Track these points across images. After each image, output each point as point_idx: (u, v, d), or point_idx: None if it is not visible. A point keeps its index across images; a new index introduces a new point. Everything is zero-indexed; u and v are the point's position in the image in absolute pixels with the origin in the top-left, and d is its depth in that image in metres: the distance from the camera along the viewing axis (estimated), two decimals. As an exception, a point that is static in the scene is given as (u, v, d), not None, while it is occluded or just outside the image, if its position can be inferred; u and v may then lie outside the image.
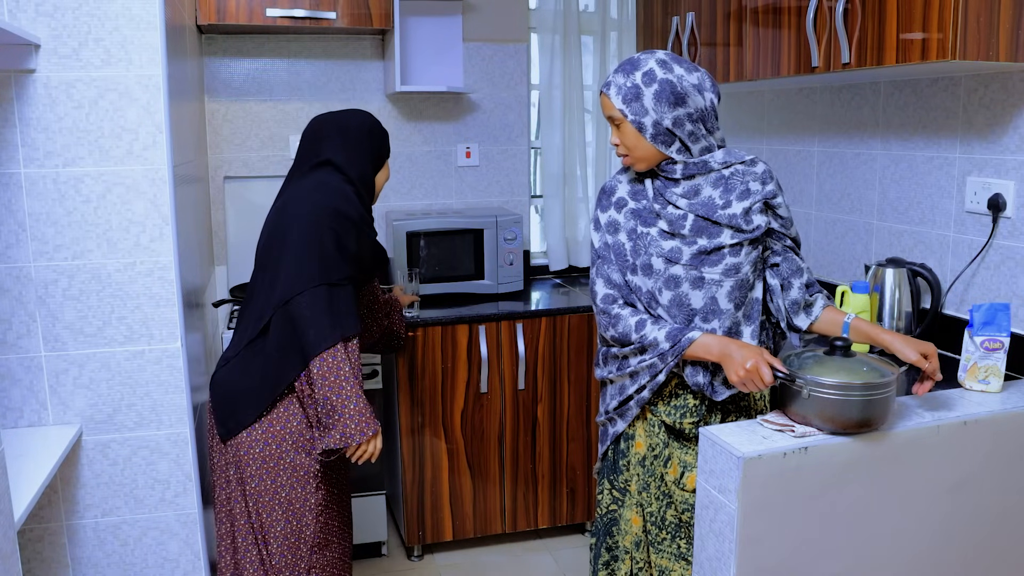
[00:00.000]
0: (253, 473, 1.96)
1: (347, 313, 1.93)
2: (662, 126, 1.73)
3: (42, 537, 2.02)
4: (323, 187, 2.01)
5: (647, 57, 1.76)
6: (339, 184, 2.03)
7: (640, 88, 1.73)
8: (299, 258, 1.93)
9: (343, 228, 1.97)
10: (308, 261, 1.92)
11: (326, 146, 2.07)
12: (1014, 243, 2.09)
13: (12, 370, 1.95)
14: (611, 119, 1.79)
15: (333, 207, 1.97)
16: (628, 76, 1.75)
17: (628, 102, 1.74)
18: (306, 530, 1.99)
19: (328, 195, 1.99)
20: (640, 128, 1.74)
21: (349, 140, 2.08)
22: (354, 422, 1.88)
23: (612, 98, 1.76)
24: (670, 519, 1.86)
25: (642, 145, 1.76)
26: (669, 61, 1.75)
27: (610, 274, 1.83)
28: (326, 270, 1.92)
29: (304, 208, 1.97)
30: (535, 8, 3.42)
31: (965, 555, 1.79)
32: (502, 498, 3.07)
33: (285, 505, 1.97)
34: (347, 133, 2.09)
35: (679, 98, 1.72)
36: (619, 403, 1.87)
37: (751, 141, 3.07)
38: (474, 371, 2.93)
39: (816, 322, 1.89)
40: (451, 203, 3.48)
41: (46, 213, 1.92)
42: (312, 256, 1.92)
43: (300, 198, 2.00)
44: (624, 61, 1.80)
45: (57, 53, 1.87)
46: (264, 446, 1.95)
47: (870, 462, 1.65)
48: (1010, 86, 2.06)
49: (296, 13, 2.82)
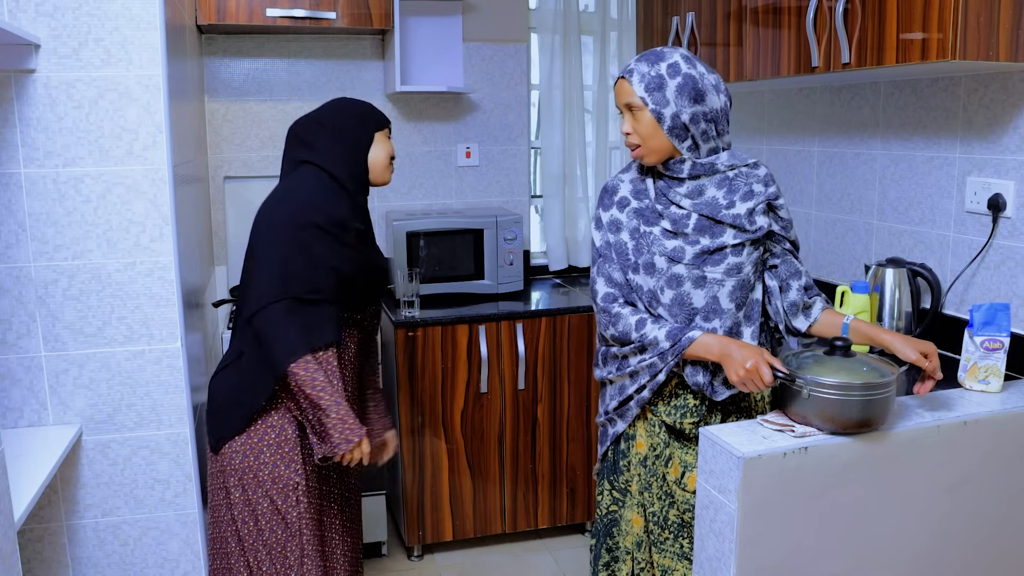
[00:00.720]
0: (236, 483, 1.93)
1: (318, 326, 1.86)
2: (680, 120, 1.73)
3: (42, 537, 2.02)
4: (294, 192, 1.92)
5: (671, 51, 1.76)
6: (315, 185, 1.93)
7: (664, 79, 1.72)
8: (262, 272, 1.86)
9: (314, 237, 1.87)
10: (270, 276, 1.84)
11: (303, 145, 1.99)
12: (1014, 243, 2.09)
13: (12, 370, 1.95)
14: (628, 107, 1.77)
15: (302, 215, 1.87)
16: (653, 66, 1.74)
17: (651, 91, 1.73)
18: (290, 542, 1.95)
19: (298, 202, 1.90)
20: (659, 118, 1.73)
21: (325, 130, 1.98)
22: (337, 431, 1.84)
23: (634, 85, 1.74)
24: (672, 519, 1.86)
25: (658, 136, 1.75)
26: (692, 58, 1.76)
27: (611, 273, 1.83)
28: (290, 284, 1.84)
29: (272, 217, 1.90)
30: (535, 8, 3.42)
31: (965, 555, 1.79)
32: (502, 498, 3.07)
33: (268, 516, 1.93)
34: (322, 124, 1.99)
35: (699, 95, 1.72)
36: (619, 403, 1.87)
37: (751, 141, 3.07)
38: (474, 371, 2.94)
39: (815, 324, 1.89)
40: (451, 203, 3.48)
41: (46, 213, 1.92)
42: (274, 270, 1.84)
43: (269, 208, 1.92)
44: (647, 52, 1.79)
45: (57, 53, 1.87)
46: (244, 457, 1.92)
47: (870, 462, 1.65)
48: (1010, 86, 2.06)
49: (296, 13, 2.82)
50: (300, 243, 1.86)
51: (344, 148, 1.97)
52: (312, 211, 1.89)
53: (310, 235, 1.87)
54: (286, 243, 1.86)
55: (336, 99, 2.07)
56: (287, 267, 1.85)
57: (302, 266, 1.85)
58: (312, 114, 2.03)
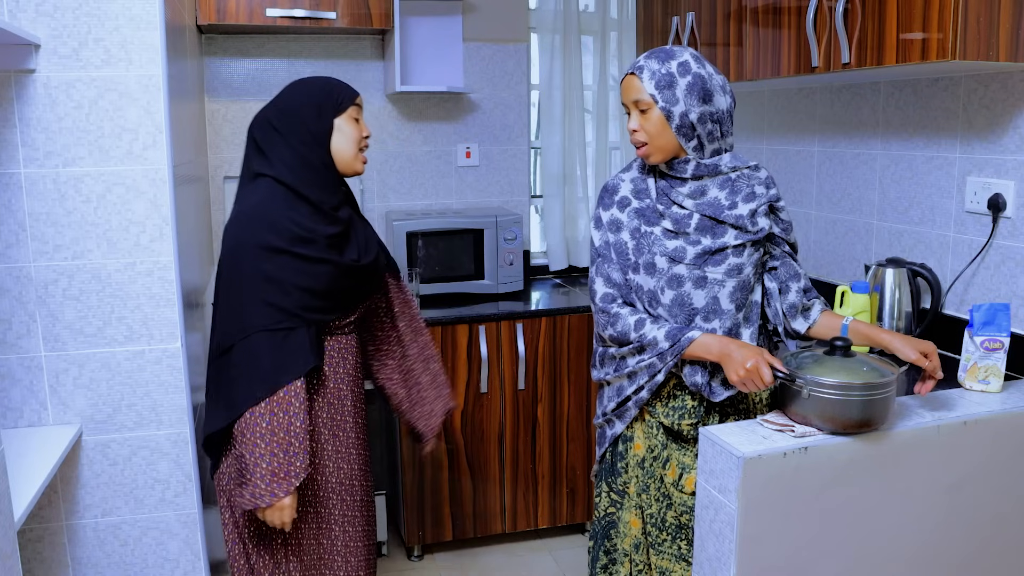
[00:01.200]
0: (220, 500, 1.90)
1: (287, 359, 1.72)
2: (688, 119, 1.72)
3: (42, 537, 2.02)
4: (249, 214, 1.76)
5: (680, 50, 1.76)
6: (271, 203, 1.75)
7: (675, 77, 1.72)
8: (225, 309, 1.75)
9: (271, 263, 1.72)
10: (233, 313, 1.73)
11: (258, 153, 1.82)
12: (1014, 243, 2.09)
13: (12, 370, 1.95)
14: (636, 103, 1.76)
15: (259, 239, 1.72)
16: (663, 63, 1.73)
17: (661, 89, 1.72)
18: (277, 553, 1.91)
19: (254, 226, 1.74)
20: (668, 117, 1.73)
21: (278, 132, 1.80)
22: (264, 482, 1.70)
23: (644, 82, 1.73)
24: (670, 521, 1.86)
25: (666, 135, 1.75)
26: (700, 57, 1.76)
27: (610, 273, 1.83)
28: (253, 320, 1.71)
29: (231, 244, 1.76)
30: (535, 8, 3.42)
31: (965, 555, 1.79)
32: (502, 498, 3.07)
33: (249, 532, 1.88)
34: (274, 126, 1.81)
35: (707, 95, 1.72)
36: (617, 404, 1.87)
37: (751, 141, 3.07)
38: (474, 371, 2.94)
39: (814, 326, 1.89)
40: (451, 203, 3.48)
41: (46, 213, 1.92)
42: (236, 304, 1.73)
43: (231, 234, 1.78)
44: (655, 49, 1.78)
45: (57, 53, 1.87)
46: (220, 476, 1.88)
47: (870, 462, 1.65)
48: (1010, 86, 2.06)
49: (296, 13, 2.82)
50: (261, 272, 1.72)
51: (299, 152, 1.79)
52: (270, 234, 1.73)
53: (272, 259, 1.73)
54: (247, 277, 1.73)
55: (291, 84, 1.88)
56: (251, 300, 1.72)
57: (268, 295, 1.72)
58: (266, 109, 1.85)
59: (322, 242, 1.78)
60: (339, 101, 1.83)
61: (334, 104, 1.82)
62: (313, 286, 1.77)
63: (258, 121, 1.85)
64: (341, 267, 1.82)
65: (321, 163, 1.81)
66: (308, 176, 1.80)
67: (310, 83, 1.86)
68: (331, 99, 1.82)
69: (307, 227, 1.77)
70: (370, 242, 1.95)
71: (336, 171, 1.85)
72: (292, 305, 1.74)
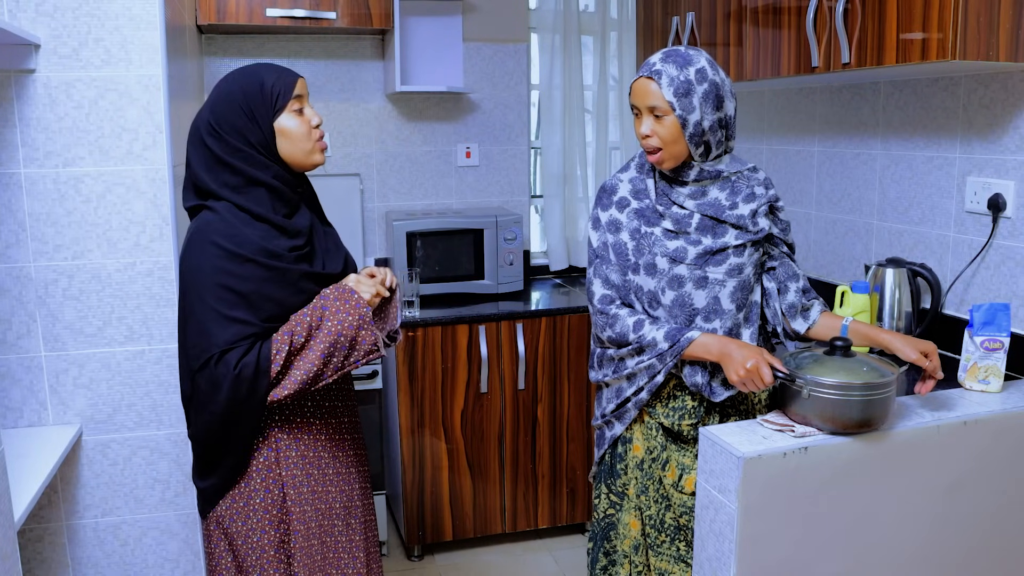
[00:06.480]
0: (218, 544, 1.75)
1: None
2: (701, 126, 1.71)
3: (42, 537, 2.02)
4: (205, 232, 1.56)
5: (696, 54, 1.73)
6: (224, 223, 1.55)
7: (692, 84, 1.70)
8: (193, 325, 1.56)
9: (239, 274, 1.54)
10: (201, 330, 1.54)
11: (195, 180, 1.61)
12: (1014, 243, 2.09)
13: (12, 370, 1.95)
14: (651, 109, 1.72)
15: (207, 272, 1.53)
16: (682, 70, 1.70)
17: (679, 96, 1.70)
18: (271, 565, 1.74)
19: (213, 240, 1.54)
20: (684, 124, 1.71)
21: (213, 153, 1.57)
22: (359, 337, 1.57)
23: (663, 88, 1.70)
24: (669, 522, 1.86)
25: (680, 142, 1.73)
26: (714, 62, 1.75)
27: (608, 274, 1.83)
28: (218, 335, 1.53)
29: (191, 262, 1.56)
30: (535, 8, 3.42)
31: (965, 555, 1.79)
32: (502, 498, 3.07)
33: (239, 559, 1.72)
34: (204, 143, 1.59)
35: (720, 101, 1.72)
36: (616, 406, 1.87)
37: (751, 141, 3.07)
38: (474, 371, 2.94)
39: (814, 327, 1.89)
40: (451, 203, 3.48)
41: (46, 213, 1.92)
42: (205, 322, 1.53)
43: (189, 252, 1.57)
44: (671, 52, 1.74)
45: (57, 53, 1.88)
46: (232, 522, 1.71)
47: (870, 462, 1.65)
48: (1010, 86, 2.06)
49: (296, 13, 2.82)
50: (226, 286, 1.54)
51: (246, 174, 1.57)
52: (224, 257, 1.54)
53: (237, 272, 1.54)
54: (208, 310, 1.54)
55: (218, 88, 1.61)
56: (218, 315, 1.53)
57: (236, 310, 1.54)
58: (198, 125, 1.61)
59: (287, 257, 1.60)
60: (274, 99, 1.58)
61: (269, 105, 1.58)
62: (286, 300, 1.60)
63: (193, 139, 1.62)
64: (306, 280, 1.63)
65: (273, 176, 1.60)
66: (257, 198, 1.60)
67: (238, 85, 1.60)
68: (264, 100, 1.58)
69: (262, 247, 1.57)
70: (338, 250, 1.77)
71: (292, 172, 1.65)
72: (257, 311, 1.56)
